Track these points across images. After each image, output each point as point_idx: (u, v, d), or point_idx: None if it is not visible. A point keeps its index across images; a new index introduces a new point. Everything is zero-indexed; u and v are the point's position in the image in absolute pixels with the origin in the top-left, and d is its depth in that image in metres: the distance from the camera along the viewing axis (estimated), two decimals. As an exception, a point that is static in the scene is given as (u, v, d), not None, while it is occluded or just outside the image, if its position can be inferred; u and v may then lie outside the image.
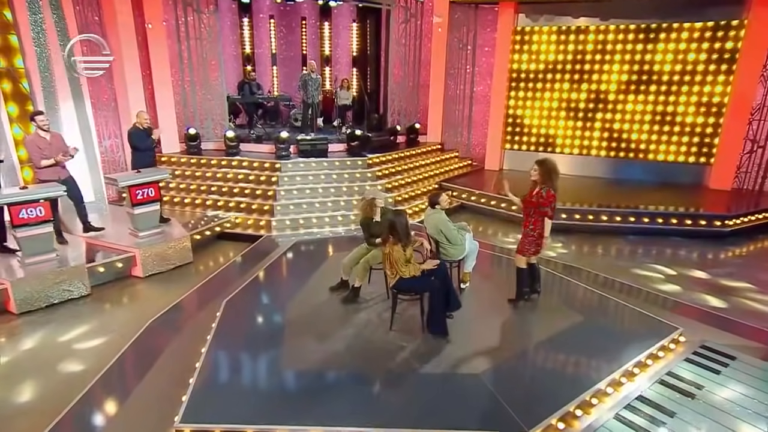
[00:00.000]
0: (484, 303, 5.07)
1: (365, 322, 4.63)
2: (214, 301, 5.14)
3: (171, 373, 4.00)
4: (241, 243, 7.23)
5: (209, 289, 5.63)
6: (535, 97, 10.78)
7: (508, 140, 11.17)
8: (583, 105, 10.38)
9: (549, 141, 10.85)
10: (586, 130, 10.48)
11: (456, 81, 11.37)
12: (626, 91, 9.91)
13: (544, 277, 5.52)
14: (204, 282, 5.77)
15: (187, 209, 8.20)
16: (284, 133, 9.08)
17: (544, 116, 10.77)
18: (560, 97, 10.56)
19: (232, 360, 4.13)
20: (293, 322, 4.66)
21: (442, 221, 5.02)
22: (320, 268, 6.06)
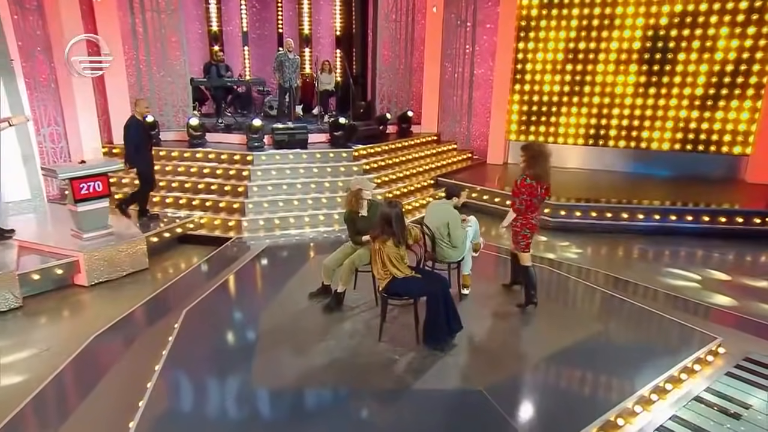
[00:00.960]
0: (486, 309, 5.03)
1: (350, 332, 4.55)
2: (173, 312, 5.01)
3: (117, 396, 3.82)
4: (206, 246, 7.10)
5: (167, 298, 5.52)
6: (543, 81, 10.79)
7: (513, 130, 11.18)
8: (598, 89, 10.40)
9: (560, 130, 10.87)
10: (602, 118, 10.49)
11: (454, 63, 11.36)
12: (649, 73, 9.94)
13: (556, 282, 5.64)
14: (161, 290, 5.64)
15: None
16: (257, 120, 8.92)
17: (555, 102, 10.78)
18: (573, 80, 10.57)
19: (191, 379, 4.00)
20: (266, 334, 4.57)
21: (454, 217, 4.93)
22: (298, 273, 5.99)
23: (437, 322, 4.17)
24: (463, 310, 4.67)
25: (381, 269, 4.21)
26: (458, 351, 4.25)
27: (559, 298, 5.48)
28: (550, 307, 5.14)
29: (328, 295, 5.10)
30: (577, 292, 5.62)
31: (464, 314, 4.56)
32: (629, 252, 7.23)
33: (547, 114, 10.89)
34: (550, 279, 5.97)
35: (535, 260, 6.36)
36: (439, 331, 4.20)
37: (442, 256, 5.01)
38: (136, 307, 5.22)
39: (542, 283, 5.84)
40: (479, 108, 11.33)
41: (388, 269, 4.18)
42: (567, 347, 4.37)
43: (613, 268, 6.35)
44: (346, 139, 9.38)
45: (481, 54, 11.11)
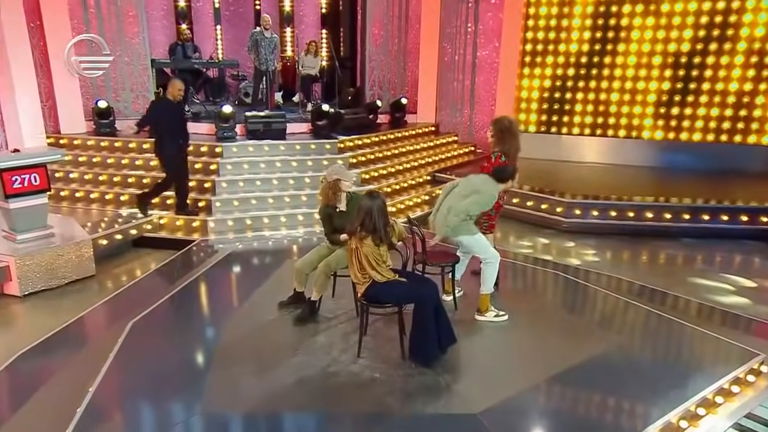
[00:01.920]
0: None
1: (325, 347, 4.45)
2: (117, 325, 4.87)
3: (39, 424, 3.65)
4: (166, 251, 6.98)
5: (113, 309, 5.40)
6: (557, 63, 10.70)
7: (521, 120, 11.13)
8: (619, 72, 10.31)
9: (575, 120, 10.79)
10: (623, 105, 10.42)
11: (454, 44, 11.31)
12: (677, 54, 9.87)
13: (570, 290, 5.64)
14: (107, 300, 5.51)
15: (93, 206, 7.90)
16: (227, 107, 8.79)
17: (570, 88, 10.71)
18: (590, 62, 10.48)
19: (129, 403, 3.88)
20: (225, 350, 4.47)
21: (490, 193, 4.74)
22: (269, 279, 5.93)
23: (425, 335, 4.04)
24: (456, 320, 4.58)
25: (359, 272, 4.08)
26: (450, 368, 4.14)
27: (572, 308, 5.41)
28: (562, 318, 5.08)
29: (301, 304, 4.97)
30: (593, 301, 5.55)
31: (458, 325, 4.46)
32: (655, 256, 7.18)
33: (560, 101, 10.81)
34: (563, 286, 5.89)
35: (546, 265, 6.48)
36: (428, 346, 4.06)
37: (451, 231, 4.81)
38: (75, 320, 5.06)
39: (554, 291, 5.85)
40: (483, 95, 11.29)
41: (366, 272, 4.04)
42: (580, 364, 4.26)
43: (636, 275, 6.27)
44: (330, 129, 9.30)
45: (485, 33, 11.07)
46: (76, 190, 8.06)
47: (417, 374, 4.03)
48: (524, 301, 5.35)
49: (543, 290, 5.92)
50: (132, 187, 8.10)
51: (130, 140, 8.72)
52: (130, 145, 8.70)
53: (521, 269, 6.29)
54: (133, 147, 8.69)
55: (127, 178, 8.20)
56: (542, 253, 7.13)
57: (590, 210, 7.88)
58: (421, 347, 4.07)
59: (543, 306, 5.33)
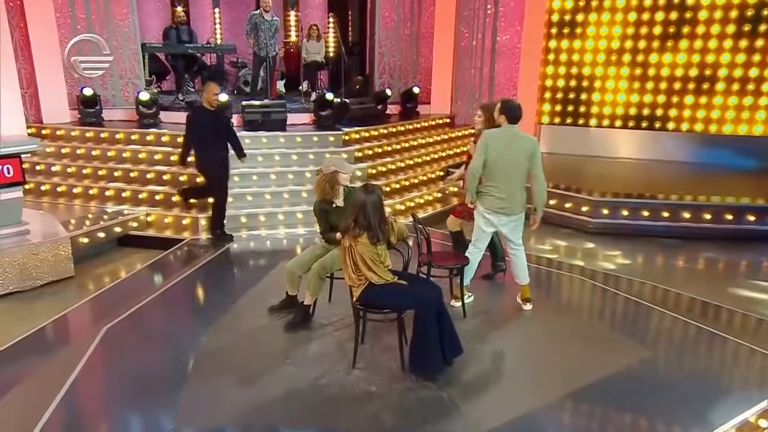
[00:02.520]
0: (495, 326, 4.94)
1: (318, 356, 4.39)
2: (92, 329, 4.85)
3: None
4: (153, 250, 6.98)
5: (89, 312, 5.39)
6: (585, 49, 10.57)
7: (546, 111, 10.98)
8: (655, 58, 10.12)
9: (606, 110, 10.63)
10: (659, 94, 10.23)
11: (472, 28, 11.18)
12: (721, 36, 9.65)
13: (595, 298, 5.64)
14: (83, 303, 5.48)
15: (76, 202, 7.91)
16: (223, 95, 8.70)
17: (599, 76, 10.56)
18: (622, 47, 10.32)
19: (97, 415, 3.83)
20: (207, 358, 4.43)
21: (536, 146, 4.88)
22: (262, 281, 5.91)
23: (427, 345, 3.91)
24: (463, 327, 4.53)
25: (353, 273, 3.98)
26: (455, 383, 4.03)
27: (597, 318, 5.30)
28: (585, 329, 4.98)
29: (293, 308, 4.90)
30: (621, 311, 5.44)
31: (466, 334, 4.40)
32: (692, 261, 7.10)
33: (589, 90, 10.66)
34: (588, 293, 5.79)
35: (569, 270, 6.38)
36: (430, 357, 3.94)
37: (507, 209, 4.80)
38: (45, 325, 4.99)
39: (577, 299, 5.78)
40: (503, 84, 11.10)
41: (362, 273, 3.94)
42: (603, 380, 4.14)
43: (671, 282, 6.16)
44: (334, 120, 9.26)
45: (506, 16, 10.90)
46: (58, 184, 8.05)
47: (417, 388, 3.94)
48: (543, 309, 5.23)
49: (565, 297, 5.80)
50: (118, 181, 8.09)
51: (117, 130, 8.74)
52: (117, 136, 8.70)
53: (541, 274, 6.19)
54: (121, 138, 8.69)
55: (113, 171, 8.19)
56: (566, 256, 7.04)
57: (620, 209, 7.74)
58: (422, 358, 3.96)
59: (564, 315, 5.22)
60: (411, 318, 4.06)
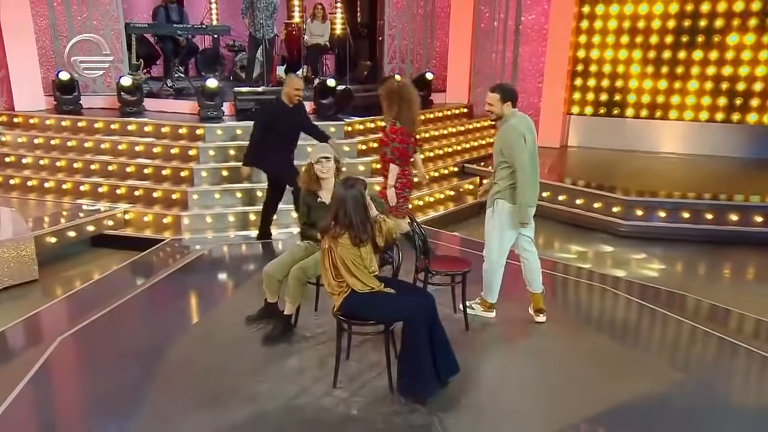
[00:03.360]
0: (496, 339, 4.86)
1: (295, 373, 4.30)
2: (45, 340, 4.80)
3: None
4: (131, 252, 6.96)
5: (45, 320, 5.34)
6: (621, 29, 10.38)
7: (576, 100, 10.89)
8: (701, 39, 9.92)
9: (644, 99, 10.47)
10: (705, 80, 10.03)
11: (493, 7, 11.14)
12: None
13: (625, 311, 5.48)
14: (41, 310, 5.41)
15: (48, 197, 7.95)
16: (212, 81, 8.68)
17: (637, 60, 10.38)
18: (663, 27, 10.13)
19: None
20: (173, 374, 4.33)
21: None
22: (243, 288, 5.88)
23: (418, 363, 3.74)
24: (463, 341, 4.52)
25: (333, 279, 3.85)
26: (449, 406, 3.89)
27: (623, 334, 5.09)
28: (608, 347, 4.80)
29: (273, 318, 4.78)
30: (653, 326, 5.27)
31: (465, 348, 4.37)
32: (740, 271, 7.04)
33: (625, 76, 10.48)
34: (615, 305, 5.63)
35: (596, 278, 6.20)
36: (420, 377, 3.78)
37: (530, 199, 4.67)
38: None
39: (602, 312, 5.62)
40: (528, 70, 11.06)
41: (343, 279, 3.80)
42: (623, 405, 3.99)
43: (714, 293, 6.00)
44: (336, 109, 9.17)
45: (532, -7, 10.86)
46: (29, 178, 8.09)
47: (405, 412, 3.80)
48: (560, 322, 5.07)
49: (587, 310, 5.64)
50: (95, 175, 8.10)
51: (96, 119, 8.76)
52: (96, 125, 8.72)
53: (564, 283, 6.07)
54: (100, 128, 8.71)
55: (89, 164, 8.19)
56: (593, 263, 6.91)
57: (656, 210, 7.63)
58: (410, 378, 3.80)
59: (584, 330, 5.06)
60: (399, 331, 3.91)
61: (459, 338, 4.57)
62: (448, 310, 4.97)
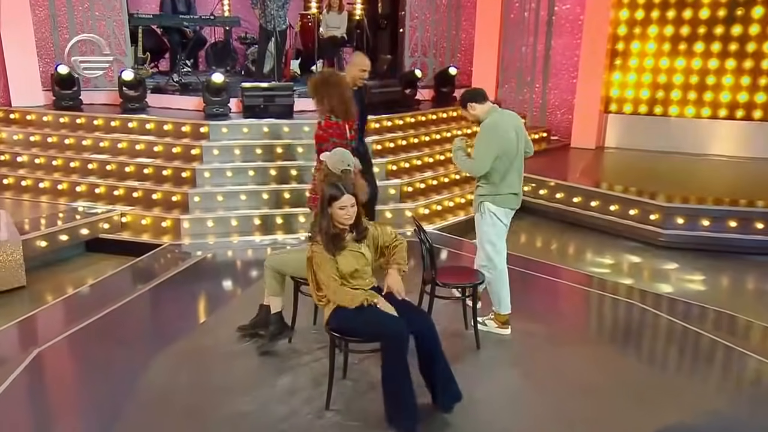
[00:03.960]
0: (515, 366, 4.72)
1: (286, 392, 4.21)
2: (20, 353, 4.78)
3: None
4: (127, 257, 6.97)
5: (25, 330, 5.32)
6: (665, 19, 10.16)
7: (614, 97, 10.71)
8: (756, 30, 9.67)
9: (690, 96, 10.24)
10: (759, 75, 9.80)
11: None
12: None
13: (662, 331, 5.30)
14: (23, 319, 5.40)
15: (42, 198, 7.97)
16: (218, 75, 8.65)
17: (681, 53, 10.17)
18: (712, 16, 9.93)
19: None
20: (152, 392, 4.29)
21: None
22: (242, 296, 5.88)
23: (397, 394, 3.63)
24: (469, 360, 4.48)
25: (316, 290, 3.82)
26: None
27: (661, 359, 5.01)
28: (640, 374, 4.64)
29: (270, 327, 4.70)
30: (692, 349, 5.15)
31: (474, 368, 4.35)
32: None
33: (669, 71, 10.24)
34: (651, 325, 5.43)
35: (630, 294, 6.01)
36: (402, 407, 3.64)
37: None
38: None
39: (634, 333, 5.42)
40: (561, 64, 10.91)
41: (323, 291, 3.77)
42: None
43: (764, 314, 5.78)
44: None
45: (567, -20, 10.75)
46: (23, 177, 8.13)
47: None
48: (587, 343, 4.98)
49: (617, 329, 5.47)
50: (93, 175, 8.10)
51: (95, 116, 8.76)
52: (96, 122, 8.72)
53: (593, 298, 5.90)
54: (100, 125, 8.70)
55: (87, 163, 8.19)
56: (627, 276, 6.75)
57: (699, 218, 7.42)
58: (393, 408, 3.66)
59: (612, 352, 4.92)
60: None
61: (469, 357, 4.49)
62: (459, 325, 4.87)
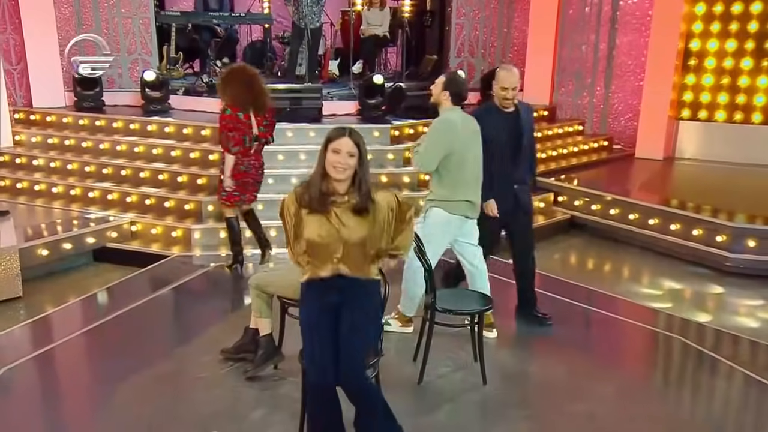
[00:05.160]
0: (544, 410, 4.40)
1: (259, 425, 4.14)
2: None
3: None
4: (135, 268, 6.97)
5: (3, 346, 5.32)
6: (749, 14, 9.75)
7: (687, 102, 10.33)
8: None
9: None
10: None
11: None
12: None
13: (724, 375, 4.87)
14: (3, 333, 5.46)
15: (55, 204, 8.13)
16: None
17: (766, 52, 9.69)
18: None
19: None
20: (113, 421, 4.22)
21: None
22: (236, 314, 5.82)
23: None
24: (473, 400, 4.31)
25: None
26: None
27: (716, 409, 4.64)
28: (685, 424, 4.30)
29: (263, 352, 4.59)
30: (756, 399, 4.68)
31: (475, 411, 4.23)
32: None
33: (752, 74, 9.78)
34: (706, 368, 5.02)
35: (684, 330, 5.67)
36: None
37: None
38: None
39: (687, 376, 5.13)
40: (626, 65, 10.63)
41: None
42: None
43: None
44: (388, 110, 9.13)
45: (633, -28, 10.45)
46: (37, 182, 8.31)
47: None
48: (631, 390, 4.59)
49: (666, 371, 5.15)
50: (107, 180, 8.23)
51: (115, 118, 8.96)
52: (115, 125, 8.90)
53: (643, 334, 5.53)
54: (119, 127, 8.88)
55: (102, 167, 8.32)
56: (688, 308, 6.29)
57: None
58: None
59: (658, 400, 4.52)
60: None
61: (473, 397, 4.26)
62: (467, 356, 4.67)
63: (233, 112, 5.84)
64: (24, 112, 9.24)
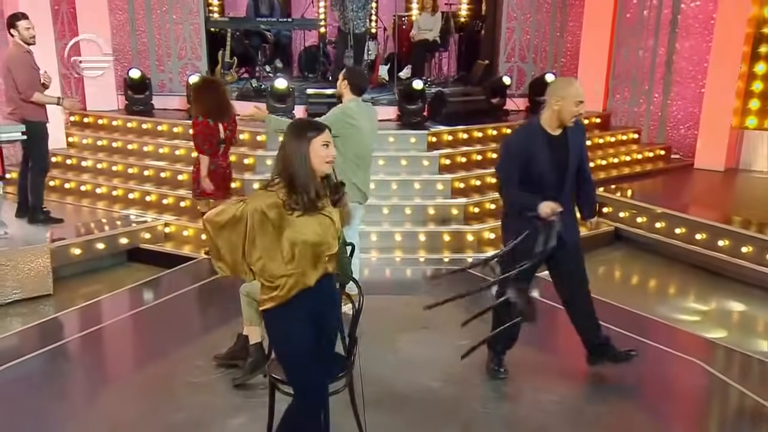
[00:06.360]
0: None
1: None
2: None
3: None
4: (166, 269, 7.10)
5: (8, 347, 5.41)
6: None
7: (753, 110, 9.74)
8: None
9: None
10: None
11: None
12: None
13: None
14: (12, 334, 5.59)
15: (99, 204, 8.35)
16: (281, 81, 8.78)
17: None
18: None
19: None
20: (96, 422, 4.30)
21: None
22: (239, 320, 5.57)
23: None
24: None
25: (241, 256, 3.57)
26: None
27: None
28: None
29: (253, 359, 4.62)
30: None
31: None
32: None
33: None
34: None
35: (729, 364, 5.23)
36: None
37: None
38: None
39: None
40: (686, 71, 10.20)
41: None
42: None
43: None
44: (430, 116, 9.05)
45: (697, -27, 10.00)
46: (84, 183, 8.55)
47: None
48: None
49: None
50: (149, 182, 8.41)
51: (161, 121, 9.13)
52: (160, 128, 9.08)
53: (678, 365, 5.07)
54: (164, 130, 9.05)
55: (144, 170, 8.52)
56: (739, 333, 5.88)
57: None
58: None
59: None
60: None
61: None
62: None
63: (204, 119, 6.40)
64: (79, 115, 9.53)
